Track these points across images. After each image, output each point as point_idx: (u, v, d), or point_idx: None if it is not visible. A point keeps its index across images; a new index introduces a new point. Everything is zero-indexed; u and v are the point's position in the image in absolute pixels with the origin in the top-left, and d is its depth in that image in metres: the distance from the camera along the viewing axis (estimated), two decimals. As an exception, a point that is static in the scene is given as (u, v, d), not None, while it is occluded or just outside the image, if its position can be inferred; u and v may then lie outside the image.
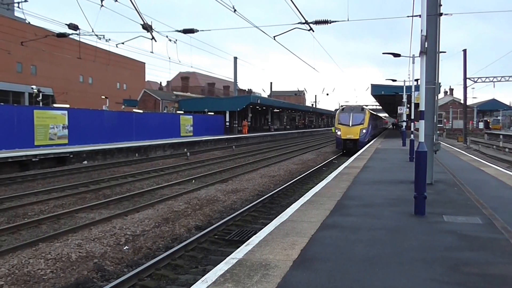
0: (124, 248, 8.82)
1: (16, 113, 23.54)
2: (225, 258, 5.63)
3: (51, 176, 18.94)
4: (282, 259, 5.40)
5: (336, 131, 33.37)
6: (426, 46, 8.12)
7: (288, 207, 9.03)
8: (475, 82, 47.14)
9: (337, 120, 33.83)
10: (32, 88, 37.16)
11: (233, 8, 9.81)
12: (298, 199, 9.81)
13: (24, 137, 23.47)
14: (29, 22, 29.62)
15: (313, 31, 12.66)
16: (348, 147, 32.02)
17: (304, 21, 12.13)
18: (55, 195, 14.39)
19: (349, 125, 32.64)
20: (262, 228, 7.46)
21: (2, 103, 31.37)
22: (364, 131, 32.65)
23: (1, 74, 42.71)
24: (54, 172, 20.06)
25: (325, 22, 12.53)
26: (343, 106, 36.20)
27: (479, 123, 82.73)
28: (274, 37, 12.89)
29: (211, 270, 5.17)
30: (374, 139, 42.34)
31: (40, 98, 36.50)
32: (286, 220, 7.48)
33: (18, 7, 18.96)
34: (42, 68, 52.13)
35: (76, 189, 15.69)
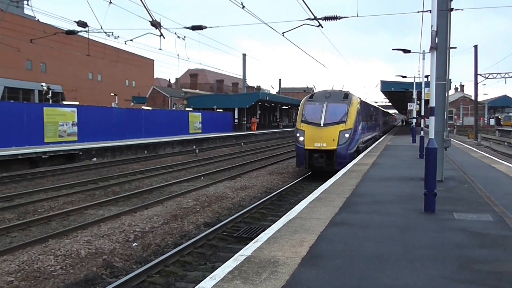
0: (133, 244, 8.85)
1: (26, 111, 23.73)
2: (233, 255, 5.61)
3: (60, 173, 19.09)
4: (291, 256, 5.37)
5: (297, 135, 18.23)
6: (436, 41, 8.02)
7: (297, 204, 8.99)
8: (486, 78, 46.61)
9: (300, 115, 18.74)
10: (42, 85, 37.43)
11: (242, 4, 9.78)
12: (306, 196, 9.76)
13: (34, 134, 23.65)
14: (38, 20, 29.77)
15: (322, 27, 12.64)
16: (318, 166, 17.70)
17: (313, 17, 12.08)
18: (65, 192, 14.49)
19: (319, 125, 17.89)
20: (271, 225, 7.43)
21: (12, 101, 31.74)
22: (347, 135, 17.76)
23: (11, 72, 43.06)
24: (64, 169, 20.23)
25: (334, 18, 12.45)
26: (314, 93, 20.57)
27: (490, 119, 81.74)
28: (283, 33, 12.85)
29: (219, 267, 5.15)
30: (379, 141, 30.93)
31: (50, 95, 36.78)
32: (294, 217, 7.45)
33: (28, 4, 19.02)
34: (51, 66, 52.45)
35: (86, 186, 15.80)
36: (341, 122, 17.89)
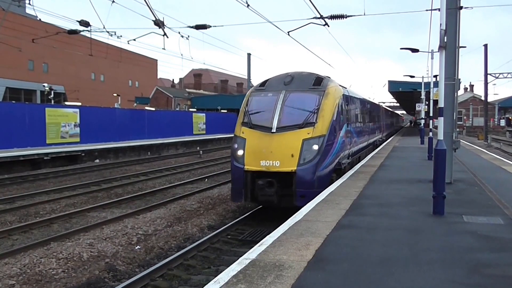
0: (136, 247, 8.75)
1: (28, 111, 23.72)
2: (238, 259, 5.50)
3: (62, 175, 19.06)
4: (296, 260, 5.26)
5: (234, 146, 11.31)
6: (445, 40, 7.88)
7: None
8: (497, 78, 45.98)
9: (242, 114, 11.81)
10: (44, 86, 37.45)
11: (246, 3, 9.67)
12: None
13: (36, 136, 23.61)
14: (40, 19, 29.73)
15: (328, 26, 12.47)
16: (265, 199, 10.70)
17: (319, 16, 11.94)
18: (67, 194, 14.44)
19: (270, 130, 10.97)
20: (276, 227, 7.31)
21: (14, 101, 31.75)
22: (315, 146, 10.76)
23: (13, 72, 43.14)
24: (66, 170, 20.18)
25: (341, 16, 12.31)
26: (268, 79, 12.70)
27: (501, 120, 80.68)
28: (288, 32, 12.71)
29: (223, 270, 5.06)
30: (386, 142, 29.31)
31: (52, 96, 36.81)
32: (300, 220, 7.32)
33: (29, 3, 18.96)
34: (53, 66, 52.56)
35: (88, 188, 15.74)
36: (306, 125, 10.71)
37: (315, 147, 10.47)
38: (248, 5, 9.37)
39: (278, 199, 10.36)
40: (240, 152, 10.76)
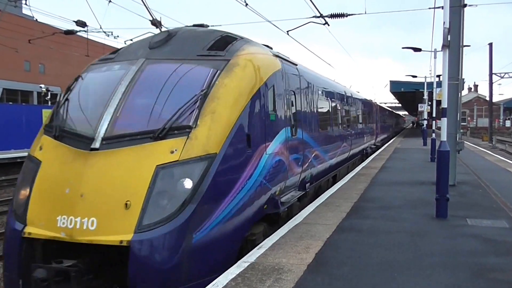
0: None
1: (25, 113, 23.68)
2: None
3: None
4: (296, 263, 5.19)
5: (19, 181, 5.49)
6: (448, 39, 7.82)
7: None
8: (502, 77, 45.74)
9: (53, 111, 6.25)
10: (41, 87, 37.43)
11: (245, 2, 9.60)
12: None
13: (33, 137, 23.21)
14: (36, 20, 29.65)
15: (328, 25, 12.36)
16: None
17: (318, 14, 11.86)
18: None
19: (89, 144, 5.09)
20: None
21: (10, 103, 31.77)
22: (186, 183, 4.90)
23: (9, 73, 43.02)
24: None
25: (341, 15, 12.21)
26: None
27: (506, 121, 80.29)
28: (287, 31, 12.62)
29: (222, 273, 4.97)
30: (387, 144, 28.63)
31: (49, 97, 36.78)
32: (300, 223, 7.24)
33: (26, 4, 18.95)
34: (50, 67, 52.48)
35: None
36: (171, 134, 5.18)
37: (186, 184, 4.92)
38: (247, 4, 9.31)
39: None
40: (22, 195, 5.25)
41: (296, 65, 8.75)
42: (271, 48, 7.97)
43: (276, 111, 6.83)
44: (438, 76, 21.15)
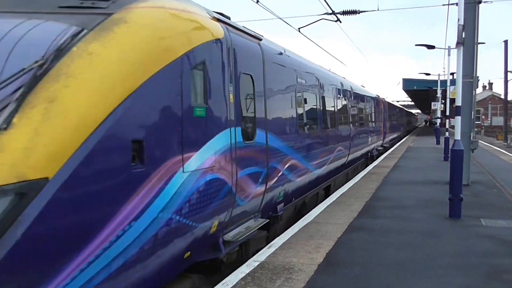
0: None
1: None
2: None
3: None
4: (307, 263, 5.15)
5: None
6: (463, 36, 7.71)
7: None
8: (517, 75, 44.92)
9: None
10: None
11: (256, -2, 9.58)
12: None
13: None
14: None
15: (340, 22, 12.27)
16: None
17: (330, 11, 11.76)
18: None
19: None
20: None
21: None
22: None
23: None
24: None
25: (353, 12, 12.10)
26: None
27: (522, 119, 79.19)
28: (299, 28, 12.54)
29: (231, 272, 4.96)
30: (400, 142, 28.28)
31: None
32: (310, 222, 7.20)
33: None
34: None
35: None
36: None
37: None
38: (258, 1, 9.23)
39: None
40: None
41: (260, 39, 6.32)
42: (228, 18, 5.58)
43: (209, 103, 4.56)
44: (452, 73, 20.93)
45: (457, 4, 8.10)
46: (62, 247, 2.88)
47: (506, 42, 41.69)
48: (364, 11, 12.79)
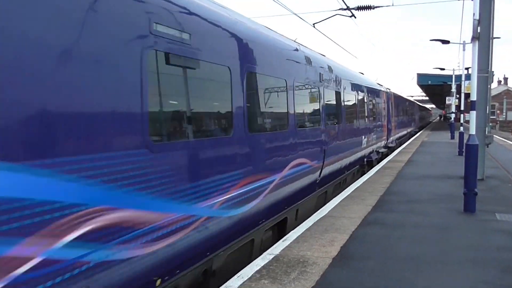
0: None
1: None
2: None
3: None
4: (321, 256, 5.19)
5: None
6: (478, 31, 7.63)
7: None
8: (533, 70, 44.23)
9: None
10: None
11: (271, -6, 9.58)
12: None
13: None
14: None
15: (355, 17, 12.22)
16: None
17: (345, 7, 11.73)
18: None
19: None
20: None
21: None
22: None
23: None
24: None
25: (368, 7, 12.02)
26: None
27: (537, 114, 77.79)
28: (313, 24, 12.55)
29: (247, 265, 5.02)
30: (414, 137, 27.87)
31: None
32: (325, 216, 7.24)
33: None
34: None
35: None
36: None
37: None
38: (274, -4, 9.25)
39: None
40: None
41: None
42: None
43: None
44: (467, 68, 20.70)
45: (472, -2, 8.02)
46: None
47: (522, 36, 40.94)
48: (379, 7, 12.71)
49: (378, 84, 18.30)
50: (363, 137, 13.02)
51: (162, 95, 4.04)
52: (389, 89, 21.56)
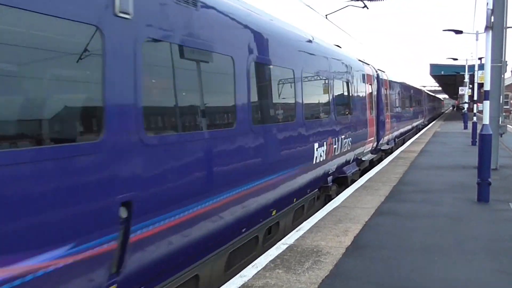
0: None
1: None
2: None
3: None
4: (335, 246, 5.22)
5: None
6: (492, 20, 7.56)
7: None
8: (547, 59, 43.48)
9: None
10: None
11: (283, -14, 9.51)
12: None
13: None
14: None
15: (367, 8, 12.18)
16: None
17: (357, -3, 11.74)
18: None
19: None
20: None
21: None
22: None
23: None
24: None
25: (379, -3, 12.05)
26: None
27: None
28: (326, 15, 12.54)
29: (261, 255, 5.08)
30: (427, 127, 27.47)
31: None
32: (338, 206, 7.27)
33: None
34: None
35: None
36: None
37: None
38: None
39: None
40: None
41: None
42: None
43: None
44: (480, 58, 20.45)
45: (486, -13, 7.92)
46: None
47: (536, 25, 40.32)
48: (390, -4, 12.64)
49: (360, 61, 12.47)
50: (316, 144, 7.56)
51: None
52: (382, 71, 15.69)
